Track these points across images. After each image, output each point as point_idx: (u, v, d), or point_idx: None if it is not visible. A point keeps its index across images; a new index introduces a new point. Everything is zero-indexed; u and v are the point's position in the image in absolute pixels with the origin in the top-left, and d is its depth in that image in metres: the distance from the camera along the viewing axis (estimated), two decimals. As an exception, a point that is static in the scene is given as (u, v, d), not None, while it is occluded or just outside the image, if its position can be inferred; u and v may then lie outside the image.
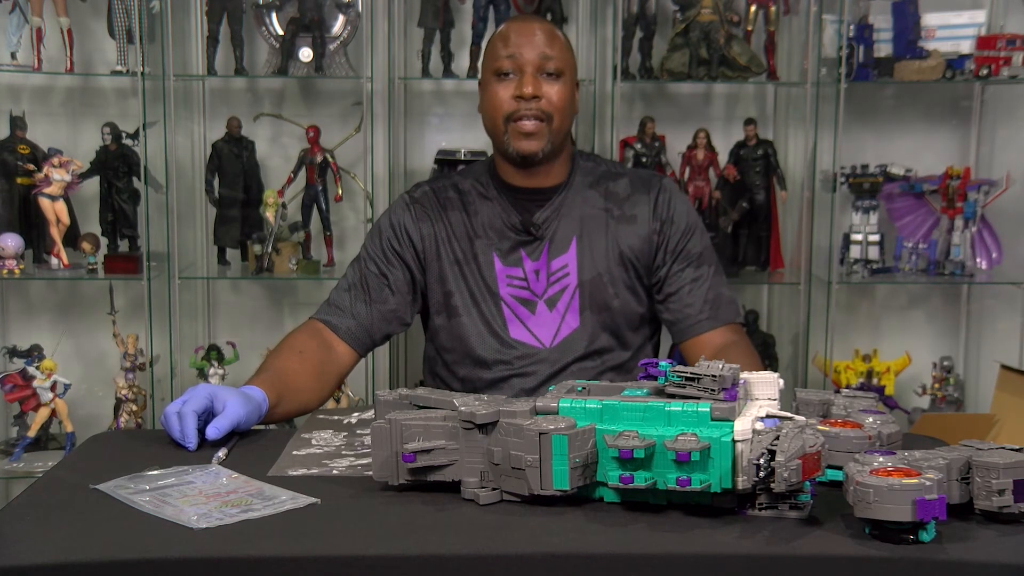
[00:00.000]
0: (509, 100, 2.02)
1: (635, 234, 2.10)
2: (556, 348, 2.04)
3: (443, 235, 2.09)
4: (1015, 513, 1.34)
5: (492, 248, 2.07)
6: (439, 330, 2.12)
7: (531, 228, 2.07)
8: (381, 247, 2.11)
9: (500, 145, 2.06)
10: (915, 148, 3.16)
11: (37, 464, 2.83)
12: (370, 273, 2.10)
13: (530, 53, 2.01)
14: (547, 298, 2.05)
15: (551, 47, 2.03)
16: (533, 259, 2.07)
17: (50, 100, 3.12)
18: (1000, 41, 2.89)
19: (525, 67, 2.01)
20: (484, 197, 2.12)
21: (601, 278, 2.06)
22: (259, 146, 3.06)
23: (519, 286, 2.05)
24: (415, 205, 2.13)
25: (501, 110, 2.03)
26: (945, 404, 3.04)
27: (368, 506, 1.44)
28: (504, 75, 2.03)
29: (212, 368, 2.92)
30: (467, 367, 2.09)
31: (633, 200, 2.12)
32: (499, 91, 2.03)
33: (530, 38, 2.03)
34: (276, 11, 3.00)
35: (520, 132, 2.01)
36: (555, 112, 2.02)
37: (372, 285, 2.08)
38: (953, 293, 3.23)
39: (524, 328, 2.05)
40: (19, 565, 1.25)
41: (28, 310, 3.15)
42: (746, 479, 1.34)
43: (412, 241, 2.09)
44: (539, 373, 2.04)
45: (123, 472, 1.55)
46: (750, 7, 3.00)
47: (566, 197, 2.10)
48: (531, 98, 2.00)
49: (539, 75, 2.01)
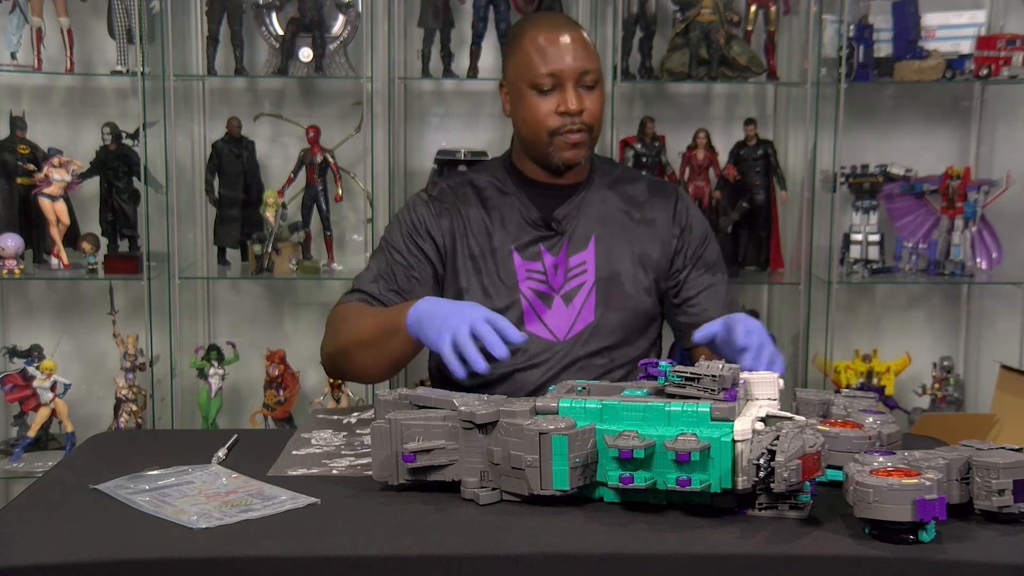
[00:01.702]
0: (553, 116, 2.03)
1: (654, 237, 2.12)
2: (568, 342, 2.06)
3: (460, 230, 2.11)
4: (1015, 513, 1.34)
5: (511, 242, 2.09)
6: None
7: (552, 223, 2.09)
8: (404, 241, 2.11)
9: (542, 155, 2.07)
10: (915, 148, 3.16)
11: (37, 464, 2.83)
12: (397, 263, 2.09)
13: (569, 68, 2.02)
14: (564, 293, 2.07)
15: (587, 59, 2.04)
16: (553, 254, 2.09)
17: (50, 100, 3.12)
18: (1000, 41, 2.89)
19: (566, 82, 2.02)
20: (502, 192, 2.13)
21: (619, 277, 2.09)
22: (259, 146, 3.06)
23: (538, 280, 2.07)
24: (434, 202, 2.14)
25: (545, 125, 2.04)
26: (945, 404, 3.04)
27: (368, 506, 1.44)
28: (544, 90, 2.04)
29: (212, 368, 2.92)
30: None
31: (651, 204, 2.15)
32: (540, 105, 2.04)
33: (568, 50, 2.03)
34: (276, 11, 3.00)
35: (567, 144, 2.04)
36: (595, 122, 2.06)
37: (399, 275, 2.08)
38: (953, 293, 3.23)
39: (539, 322, 2.07)
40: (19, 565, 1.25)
41: (28, 310, 3.15)
42: (746, 479, 1.34)
43: (433, 237, 2.11)
44: (549, 366, 2.05)
45: (123, 472, 1.55)
46: (750, 7, 3.00)
47: (586, 196, 2.13)
48: (576, 113, 2.02)
49: (578, 88, 2.03)
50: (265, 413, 2.95)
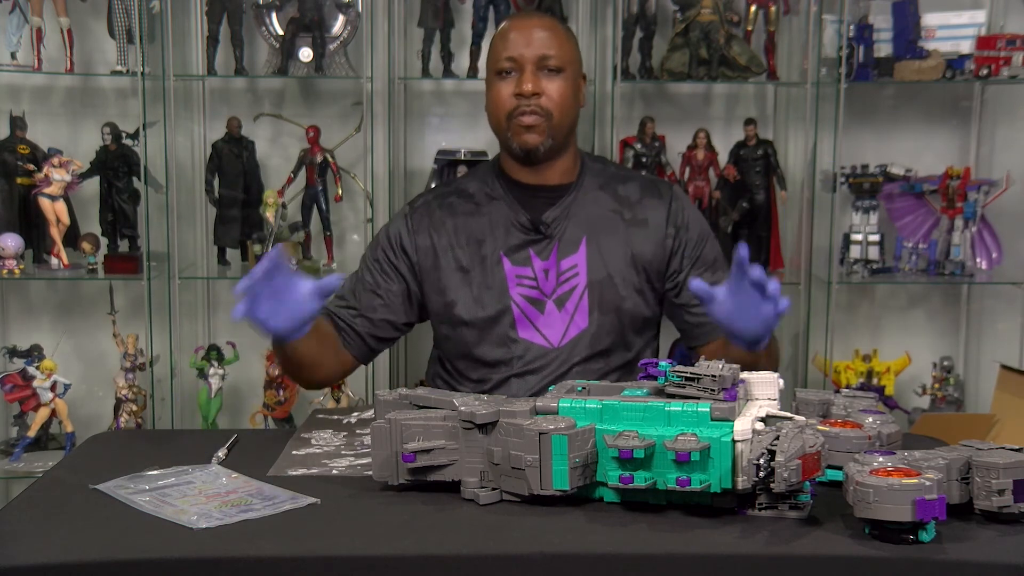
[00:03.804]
0: (510, 98, 2.04)
1: (647, 238, 2.10)
2: (564, 348, 2.05)
3: (443, 244, 2.09)
4: (1015, 513, 1.34)
5: (500, 248, 2.07)
6: (443, 339, 2.13)
7: (540, 226, 2.07)
8: (377, 257, 2.13)
9: (504, 141, 2.09)
10: (915, 148, 3.15)
11: (37, 464, 2.83)
12: (363, 280, 2.12)
13: (529, 51, 2.04)
14: (556, 298, 2.06)
15: (551, 44, 2.05)
16: (542, 258, 2.07)
17: (50, 100, 3.11)
18: (1000, 41, 2.89)
19: (525, 65, 2.04)
20: (491, 197, 2.12)
21: (611, 279, 2.07)
22: (259, 146, 3.06)
23: (529, 286, 2.06)
24: (413, 215, 2.14)
25: (503, 108, 2.05)
26: (945, 404, 3.04)
27: (368, 506, 1.44)
28: (505, 73, 2.06)
29: (212, 368, 2.92)
30: (472, 371, 2.09)
31: (644, 204, 2.13)
32: (500, 89, 2.06)
33: (529, 36, 2.05)
34: (276, 11, 2.99)
35: (520, 126, 2.04)
36: (555, 108, 2.04)
37: (361, 292, 2.10)
38: (953, 293, 3.23)
39: (533, 328, 2.05)
40: (19, 565, 1.25)
41: (28, 310, 3.15)
42: (746, 479, 1.34)
43: (407, 253, 2.10)
44: (545, 373, 2.04)
45: (123, 472, 1.56)
46: (750, 7, 2.99)
47: (576, 197, 2.11)
48: (531, 95, 2.02)
49: (539, 72, 2.04)
50: (265, 413, 2.95)
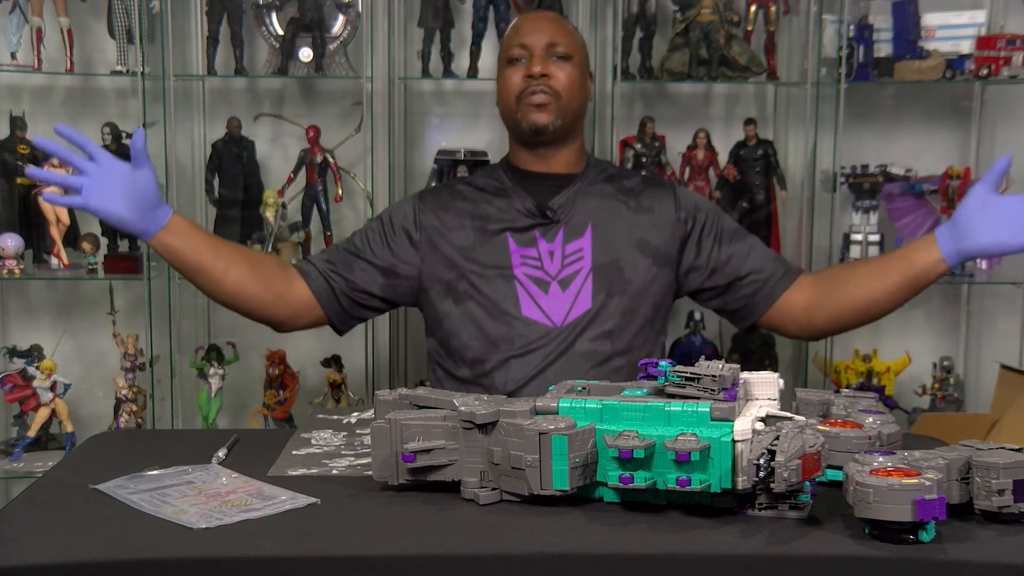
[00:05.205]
0: (519, 81, 2.13)
1: (654, 224, 2.15)
2: (566, 327, 2.07)
3: (449, 223, 2.14)
4: (1015, 513, 1.34)
5: (507, 231, 2.12)
6: (445, 316, 2.13)
7: (547, 212, 2.12)
8: (371, 228, 2.19)
9: (514, 124, 2.15)
10: (915, 148, 3.15)
11: (37, 464, 2.83)
12: (351, 243, 2.18)
13: (539, 39, 2.13)
14: (561, 279, 2.09)
15: (559, 34, 2.15)
16: (548, 240, 2.11)
17: (50, 100, 3.11)
18: (1000, 41, 2.89)
19: (534, 51, 2.13)
20: (499, 188, 2.19)
21: (617, 263, 2.11)
22: (259, 146, 3.06)
23: (533, 266, 2.09)
24: (420, 199, 2.21)
25: (513, 91, 2.13)
26: (945, 404, 3.04)
27: (368, 506, 1.44)
28: (516, 61, 2.14)
29: (212, 368, 2.92)
30: (474, 349, 2.10)
31: (648, 194, 2.19)
32: (511, 75, 2.14)
33: (539, 25, 2.17)
34: (276, 11, 2.99)
35: (531, 105, 2.11)
36: (563, 90, 2.12)
37: (342, 252, 2.17)
38: (953, 293, 3.23)
39: (536, 306, 2.08)
40: (19, 565, 1.25)
41: (28, 310, 3.15)
42: (746, 479, 1.34)
43: (408, 232, 2.14)
44: (547, 351, 2.05)
45: (123, 472, 1.56)
46: (750, 7, 2.99)
47: (581, 187, 2.17)
48: (540, 76, 2.10)
49: (548, 58, 2.12)
50: (265, 413, 2.95)
